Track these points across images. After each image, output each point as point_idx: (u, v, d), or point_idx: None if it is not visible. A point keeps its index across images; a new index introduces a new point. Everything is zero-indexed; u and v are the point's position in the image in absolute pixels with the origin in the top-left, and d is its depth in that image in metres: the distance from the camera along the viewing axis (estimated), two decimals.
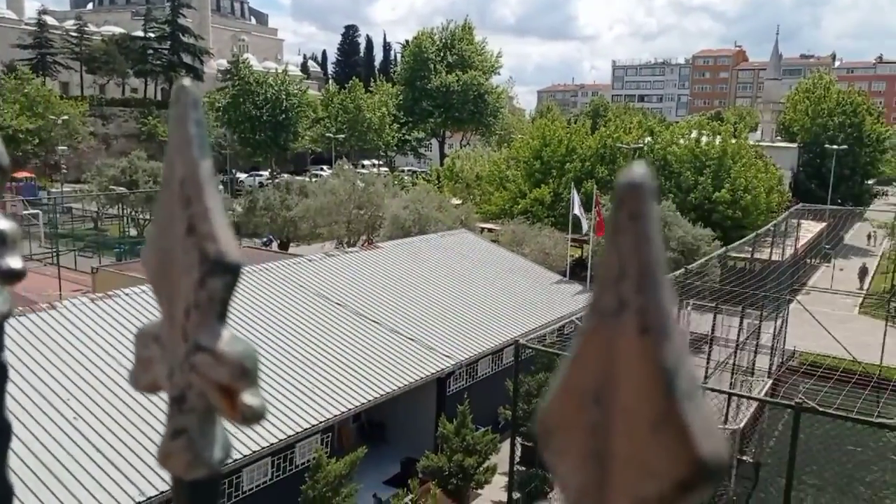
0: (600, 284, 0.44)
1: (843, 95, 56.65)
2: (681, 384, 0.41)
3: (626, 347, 0.42)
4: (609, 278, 0.44)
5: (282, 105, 58.27)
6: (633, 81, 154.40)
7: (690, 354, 0.46)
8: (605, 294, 0.43)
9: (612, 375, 0.43)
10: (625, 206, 0.44)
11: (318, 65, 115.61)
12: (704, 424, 0.41)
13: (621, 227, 0.43)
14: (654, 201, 0.44)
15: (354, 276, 20.59)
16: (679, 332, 0.43)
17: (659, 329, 0.42)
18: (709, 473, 0.40)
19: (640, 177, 0.44)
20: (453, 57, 74.73)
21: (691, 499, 0.41)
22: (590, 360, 0.44)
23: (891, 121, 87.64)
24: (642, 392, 0.41)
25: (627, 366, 0.42)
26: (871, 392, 21.92)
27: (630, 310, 0.42)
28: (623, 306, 0.43)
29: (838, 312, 31.84)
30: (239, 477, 12.70)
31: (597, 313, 0.44)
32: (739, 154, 40.34)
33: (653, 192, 0.44)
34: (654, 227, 0.43)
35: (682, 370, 0.42)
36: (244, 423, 0.59)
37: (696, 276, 20.50)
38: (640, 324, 0.42)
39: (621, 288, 0.43)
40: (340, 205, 34.90)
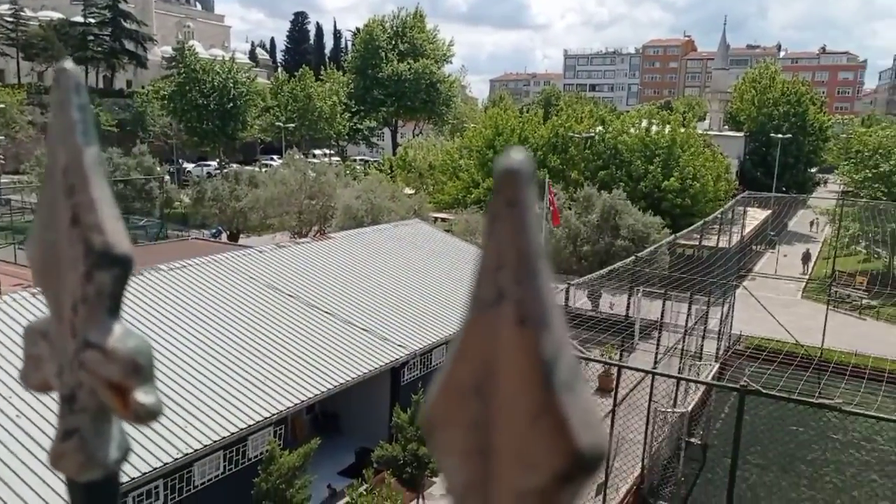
0: (479, 275, 0.43)
1: (788, 85, 58.31)
2: (560, 375, 0.41)
3: (505, 339, 0.41)
4: (487, 268, 0.42)
5: (229, 93, 56.97)
6: (585, 71, 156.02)
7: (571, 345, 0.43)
8: (483, 285, 0.42)
9: (492, 368, 0.42)
10: (502, 193, 0.42)
11: (267, 52, 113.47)
12: (583, 416, 0.41)
13: (499, 215, 0.42)
14: (532, 188, 0.42)
15: (306, 268, 20.37)
16: (560, 321, 0.42)
17: (538, 319, 0.41)
18: (587, 465, 0.40)
19: (517, 163, 0.42)
20: (405, 45, 74.28)
21: (571, 491, 0.41)
22: (471, 354, 0.43)
23: (833, 110, 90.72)
24: (521, 384, 0.41)
25: (507, 358, 0.41)
26: (813, 373, 22.78)
27: (508, 300, 0.41)
28: (501, 297, 0.42)
29: (782, 297, 32.93)
30: (190, 472, 12.49)
31: (476, 305, 0.43)
32: (688, 143, 41.21)
33: (531, 178, 0.42)
34: (532, 214, 0.42)
35: (561, 361, 0.41)
36: (137, 422, 0.58)
37: (646, 264, 20.94)
38: (518, 314, 0.41)
39: (499, 278, 0.42)
40: (291, 195, 34.45)
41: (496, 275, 0.42)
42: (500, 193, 0.42)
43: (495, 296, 0.42)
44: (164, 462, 11.59)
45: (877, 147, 40.13)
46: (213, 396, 13.43)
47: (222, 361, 14.52)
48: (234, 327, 15.93)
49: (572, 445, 0.40)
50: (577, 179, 40.44)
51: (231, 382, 14.00)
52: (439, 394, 0.44)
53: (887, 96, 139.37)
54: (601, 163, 41.72)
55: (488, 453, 0.42)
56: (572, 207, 32.67)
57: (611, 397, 18.08)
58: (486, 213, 0.43)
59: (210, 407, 13.14)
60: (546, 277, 0.42)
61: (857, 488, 17.74)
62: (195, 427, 12.54)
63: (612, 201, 31.05)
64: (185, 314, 15.75)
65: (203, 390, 13.49)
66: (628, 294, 23.07)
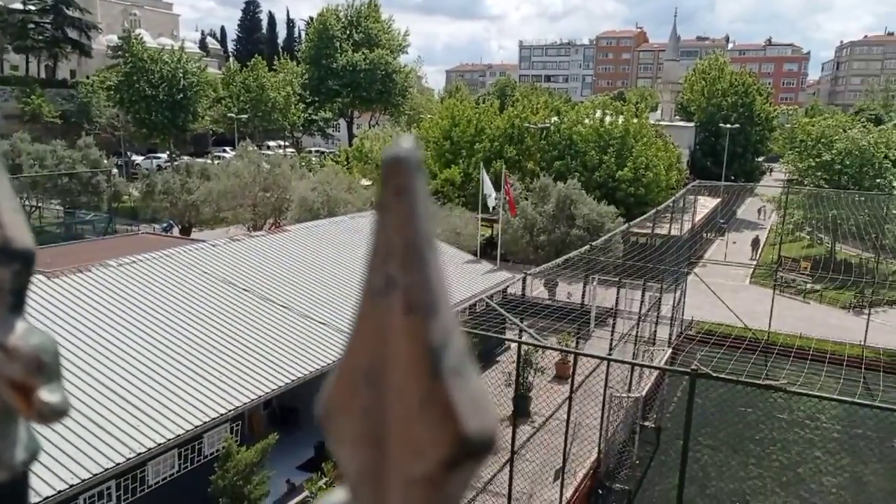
0: (369, 264, 0.43)
1: (736, 77, 59.69)
2: (448, 362, 0.41)
3: (394, 327, 0.42)
4: (377, 257, 0.43)
5: (179, 84, 55.55)
6: (540, 61, 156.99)
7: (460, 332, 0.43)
8: (373, 273, 0.43)
9: (383, 356, 0.42)
10: (390, 182, 0.42)
11: (218, 42, 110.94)
12: (472, 402, 0.41)
13: (387, 204, 0.42)
14: (420, 176, 0.42)
15: (261, 261, 20.09)
16: (449, 309, 0.42)
17: (426, 307, 0.41)
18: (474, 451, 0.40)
19: (404, 151, 0.42)
20: (359, 35, 73.57)
21: (461, 477, 0.41)
22: (363, 342, 0.43)
23: (778, 101, 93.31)
24: (410, 371, 0.41)
25: (397, 346, 0.42)
26: (760, 356, 23.51)
27: (397, 289, 0.42)
28: (391, 285, 0.42)
29: (731, 283, 33.85)
30: (143, 471, 12.24)
31: (367, 293, 0.43)
32: (641, 133, 41.88)
33: (419, 166, 0.42)
34: (420, 202, 0.42)
35: (449, 348, 0.41)
36: (42, 422, 0.57)
37: (601, 252, 21.22)
38: (406, 302, 0.41)
39: (389, 267, 0.42)
40: (245, 187, 33.88)
41: (385, 263, 0.42)
42: (387, 182, 0.42)
43: (384, 284, 0.42)
44: (116, 462, 11.33)
45: (819, 137, 41.44)
46: (167, 394, 13.17)
47: (175, 358, 14.24)
48: (187, 323, 15.63)
49: (459, 432, 0.40)
50: (533, 170, 40.76)
51: (185, 379, 13.74)
52: (334, 383, 0.44)
53: (829, 87, 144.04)
54: (557, 153, 42.11)
55: (380, 441, 0.42)
56: (529, 197, 32.93)
57: (568, 384, 18.36)
58: (375, 203, 0.44)
59: (163, 405, 12.89)
60: (435, 266, 0.42)
61: (801, 465, 18.39)
62: (148, 426, 12.28)
63: (567, 191, 31.40)
64: (135, 311, 15.38)
65: (156, 388, 13.22)
66: (584, 282, 23.42)
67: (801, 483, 17.52)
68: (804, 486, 17.35)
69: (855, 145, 38.95)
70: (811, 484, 17.51)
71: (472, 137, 42.09)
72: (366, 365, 0.43)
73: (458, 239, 30.52)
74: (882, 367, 23.34)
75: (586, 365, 19.91)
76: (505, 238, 31.71)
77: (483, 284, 22.67)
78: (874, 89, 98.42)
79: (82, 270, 16.06)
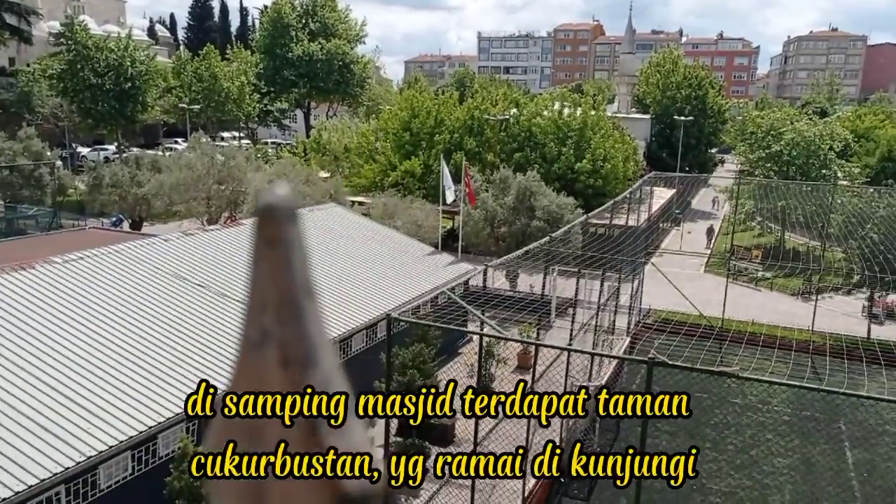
0: (245, 315, 0.42)
1: (689, 70, 60.73)
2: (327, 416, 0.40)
3: (271, 380, 0.40)
4: (252, 309, 0.41)
5: (127, 73, 53.75)
6: (499, 53, 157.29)
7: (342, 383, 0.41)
8: (249, 326, 0.42)
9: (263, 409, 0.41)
10: (261, 232, 0.41)
11: (168, 30, 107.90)
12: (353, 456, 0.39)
13: (259, 255, 0.41)
14: (295, 223, 0.40)
15: (217, 256, 19.63)
16: (329, 361, 0.41)
17: (303, 360, 0.40)
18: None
19: (276, 199, 0.41)
20: (316, 24, 72.46)
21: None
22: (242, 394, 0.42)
23: (730, 94, 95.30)
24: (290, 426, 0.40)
25: (276, 399, 0.40)
26: (715, 342, 24.02)
27: (272, 342, 0.40)
28: (266, 338, 0.41)
29: (687, 272, 34.49)
30: (95, 475, 11.83)
31: (244, 345, 0.42)
32: (598, 125, 42.29)
33: (292, 213, 0.40)
34: (295, 251, 0.40)
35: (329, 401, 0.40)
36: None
37: (561, 244, 21.34)
38: (282, 356, 0.40)
39: (263, 319, 0.41)
40: (199, 180, 33.08)
41: (260, 316, 0.41)
42: (258, 232, 0.41)
43: (260, 337, 0.41)
44: (66, 467, 10.92)
45: (769, 129, 42.49)
46: (118, 394, 12.75)
47: (127, 357, 13.79)
48: (139, 321, 15.15)
49: (338, 490, 0.39)
50: (493, 162, 40.78)
51: (138, 379, 13.32)
52: (216, 434, 0.43)
53: (778, 81, 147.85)
54: (516, 145, 42.23)
55: (261, 497, 0.41)
56: (489, 189, 32.95)
57: (530, 374, 18.44)
58: (249, 254, 0.42)
59: (115, 406, 12.47)
60: (313, 316, 0.41)
61: (754, 447, 18.85)
62: (99, 427, 11.87)
63: (527, 183, 31.51)
64: (83, 309, 14.85)
65: (106, 388, 12.78)
66: (544, 273, 23.56)
67: (755, 465, 17.98)
68: (757, 468, 17.80)
69: (802, 137, 40.05)
70: (763, 466, 17.98)
71: (431, 129, 41.90)
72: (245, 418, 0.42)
73: (419, 231, 30.37)
74: (828, 352, 24.09)
75: (547, 355, 20.03)
76: (466, 230, 31.69)
77: (444, 277, 22.59)
78: (819, 83, 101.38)
79: (25, 268, 15.41)
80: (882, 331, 27.03)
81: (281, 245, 0.40)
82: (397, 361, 16.05)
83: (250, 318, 0.41)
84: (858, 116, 60.68)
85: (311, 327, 0.40)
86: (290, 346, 0.39)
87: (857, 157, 47.14)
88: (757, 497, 16.59)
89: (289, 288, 0.39)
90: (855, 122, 56.63)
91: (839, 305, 29.87)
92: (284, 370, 0.39)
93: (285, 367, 0.39)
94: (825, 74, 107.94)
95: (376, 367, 16.83)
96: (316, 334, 0.40)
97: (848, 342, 25.09)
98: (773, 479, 17.34)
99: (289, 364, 0.39)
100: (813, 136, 40.13)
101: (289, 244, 0.40)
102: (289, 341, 0.39)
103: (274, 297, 0.40)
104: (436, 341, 17.38)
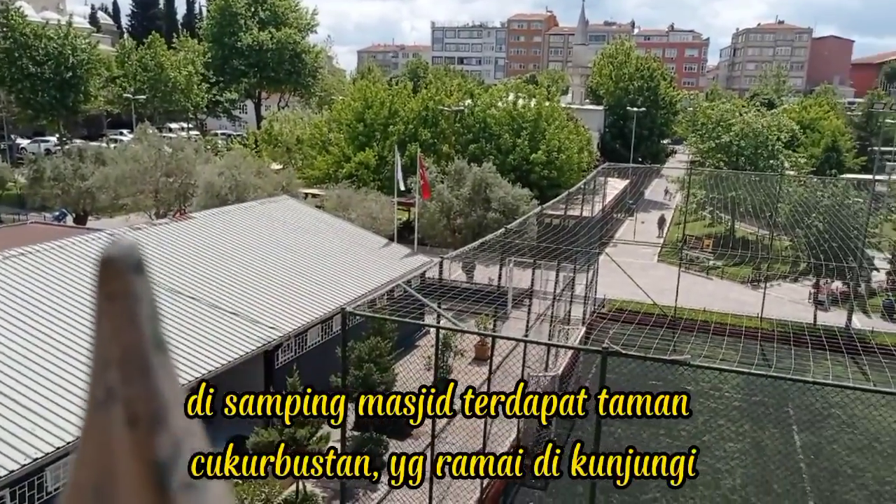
0: (91, 373, 0.40)
1: (642, 61, 61.55)
2: (178, 476, 0.38)
3: (118, 441, 0.38)
4: (96, 366, 0.40)
5: (67, 61, 51.78)
6: (453, 43, 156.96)
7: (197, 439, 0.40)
8: (94, 384, 0.40)
9: (111, 472, 0.39)
10: (101, 287, 0.39)
11: (111, 17, 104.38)
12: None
13: (100, 310, 0.39)
14: (139, 275, 0.39)
15: (166, 250, 19.07)
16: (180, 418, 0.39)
17: (150, 420, 0.38)
18: None
19: (117, 252, 0.40)
20: (265, 13, 71.04)
21: None
22: (89, 458, 0.40)
23: (681, 85, 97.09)
24: (136, 488, 0.38)
25: (122, 459, 0.38)
26: (668, 331, 24.47)
27: (117, 400, 0.39)
28: (111, 397, 0.39)
29: (641, 261, 35.04)
30: (41, 477, 11.39)
31: (89, 405, 0.40)
32: (553, 116, 42.53)
33: (137, 265, 0.39)
34: (140, 304, 0.39)
35: (180, 460, 0.38)
36: None
37: (516, 235, 21.38)
38: (128, 415, 0.38)
39: (108, 376, 0.39)
40: (146, 172, 32.12)
41: (104, 374, 0.39)
42: (99, 287, 0.40)
43: (105, 396, 0.39)
44: (10, 470, 10.50)
45: (718, 120, 43.41)
46: (64, 394, 12.28)
47: (72, 356, 13.30)
48: (84, 318, 14.61)
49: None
50: (448, 153, 40.66)
51: (83, 378, 12.84)
52: (65, 497, 0.41)
53: (727, 73, 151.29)
54: (471, 136, 42.19)
55: None
56: (444, 181, 32.83)
57: (487, 365, 18.46)
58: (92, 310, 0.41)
59: (61, 406, 12.01)
60: (163, 372, 0.39)
61: (707, 433, 19.24)
62: (44, 429, 11.42)
63: (482, 174, 31.49)
64: (25, 307, 14.25)
65: (51, 388, 12.30)
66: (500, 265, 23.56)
67: (707, 450, 18.35)
68: (709, 453, 18.17)
69: (750, 128, 41.03)
70: (716, 451, 18.37)
71: (385, 120, 41.53)
72: (94, 481, 0.39)
73: (375, 223, 30.09)
74: (776, 338, 24.78)
75: (504, 346, 20.11)
76: (422, 222, 31.54)
77: (400, 269, 22.42)
78: (767, 75, 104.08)
79: None
80: (827, 317, 27.94)
81: (123, 299, 0.38)
82: (353, 355, 15.86)
83: (94, 376, 0.38)
84: (804, 108, 62.43)
85: (160, 384, 0.38)
86: (136, 405, 0.37)
87: (803, 148, 48.55)
88: (709, 482, 16.95)
89: (133, 344, 0.38)
90: (801, 114, 58.27)
91: (787, 293, 30.73)
92: (131, 430, 0.37)
93: (132, 426, 0.37)
94: (772, 66, 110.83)
95: (333, 361, 16.62)
96: (167, 391, 0.37)
97: (795, 328, 25.86)
98: (725, 463, 17.75)
99: (136, 423, 0.37)
100: (761, 127, 41.16)
101: (132, 297, 0.38)
102: (134, 399, 0.37)
103: (117, 354, 0.38)
104: (392, 334, 17.24)
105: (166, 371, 0.38)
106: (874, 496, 16.88)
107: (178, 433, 0.38)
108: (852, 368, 22.26)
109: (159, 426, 0.37)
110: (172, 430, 0.37)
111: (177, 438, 0.38)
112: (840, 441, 19.15)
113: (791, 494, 16.88)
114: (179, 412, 0.38)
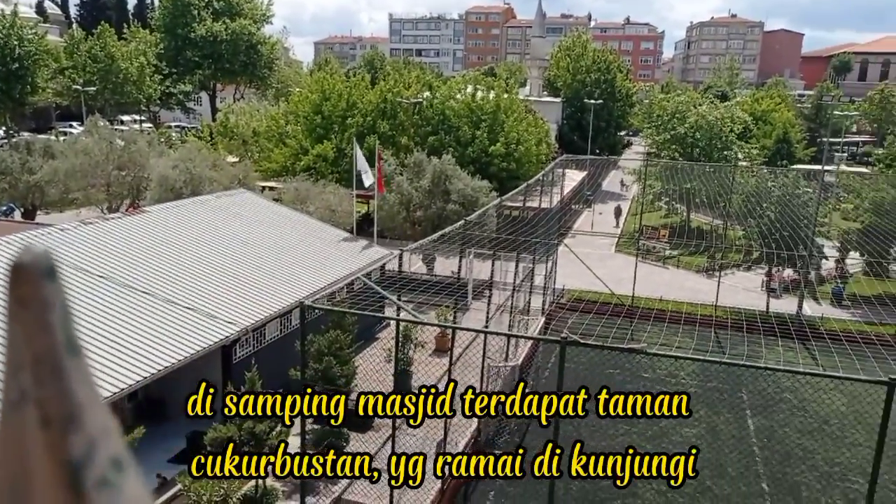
0: (5, 374, 0.41)
1: (598, 54, 62.08)
2: (92, 475, 0.38)
3: (32, 441, 0.39)
4: (10, 368, 0.40)
5: (13, 52, 50.02)
6: (411, 35, 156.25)
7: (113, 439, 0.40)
8: (8, 385, 0.40)
9: (26, 472, 0.40)
10: (13, 292, 0.40)
11: (58, 6, 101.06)
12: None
13: (12, 315, 0.40)
14: (50, 281, 0.39)
15: (119, 245, 18.59)
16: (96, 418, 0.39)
17: (63, 420, 0.38)
18: None
19: (29, 257, 0.40)
20: (219, 3, 69.64)
21: None
22: (4, 458, 0.40)
23: (637, 78, 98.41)
24: (50, 487, 0.39)
25: (37, 459, 0.39)
26: (626, 319, 24.86)
27: (30, 402, 0.39)
28: (24, 399, 0.40)
29: (598, 252, 35.49)
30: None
31: (5, 406, 0.41)
32: (511, 109, 42.63)
33: (49, 271, 0.39)
34: (51, 310, 0.39)
35: (94, 459, 0.39)
36: None
37: (476, 227, 21.44)
38: (41, 416, 0.39)
39: (21, 379, 0.40)
40: (97, 166, 31.23)
41: (17, 376, 0.40)
42: (11, 292, 0.40)
43: (19, 397, 0.40)
44: None
45: (673, 112, 44.12)
46: None
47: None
48: None
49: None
50: (407, 145, 40.48)
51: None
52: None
53: (682, 65, 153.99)
54: (430, 129, 42.06)
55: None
56: (404, 173, 32.69)
57: (447, 357, 18.49)
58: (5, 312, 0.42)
59: None
60: (77, 374, 0.39)
61: (663, 419, 19.60)
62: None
63: (442, 167, 31.45)
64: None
65: None
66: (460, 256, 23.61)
67: (665, 436, 18.71)
68: (667, 439, 18.52)
69: (704, 120, 41.81)
70: (673, 436, 18.74)
71: (343, 112, 41.12)
72: (10, 481, 0.40)
73: (334, 216, 29.81)
74: (730, 325, 25.40)
75: (465, 337, 20.16)
76: (381, 214, 31.36)
77: (360, 262, 22.27)
78: (720, 68, 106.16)
79: None
80: (779, 304, 28.72)
81: (34, 304, 0.38)
82: (313, 349, 15.71)
83: (8, 378, 0.39)
84: (756, 100, 63.79)
85: (73, 386, 0.38)
86: (48, 406, 0.38)
87: (755, 139, 49.67)
88: None
89: (45, 347, 0.38)
90: (753, 106, 59.53)
91: (740, 281, 31.47)
92: (44, 431, 0.38)
93: (45, 427, 0.38)
94: (725, 59, 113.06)
95: (292, 355, 16.44)
96: (81, 393, 0.38)
97: (748, 316, 26.53)
98: (682, 447, 18.11)
99: (49, 424, 0.38)
100: (715, 118, 41.96)
101: (43, 303, 0.38)
102: (47, 401, 0.38)
103: (29, 358, 0.38)
104: (352, 327, 17.13)
105: (80, 373, 0.39)
106: (824, 477, 17.44)
107: (92, 433, 0.38)
108: (803, 354, 22.95)
109: (72, 427, 0.38)
110: (87, 430, 0.38)
111: (91, 438, 0.38)
112: (791, 424, 19.72)
113: (745, 477, 17.34)
114: (95, 413, 0.39)
